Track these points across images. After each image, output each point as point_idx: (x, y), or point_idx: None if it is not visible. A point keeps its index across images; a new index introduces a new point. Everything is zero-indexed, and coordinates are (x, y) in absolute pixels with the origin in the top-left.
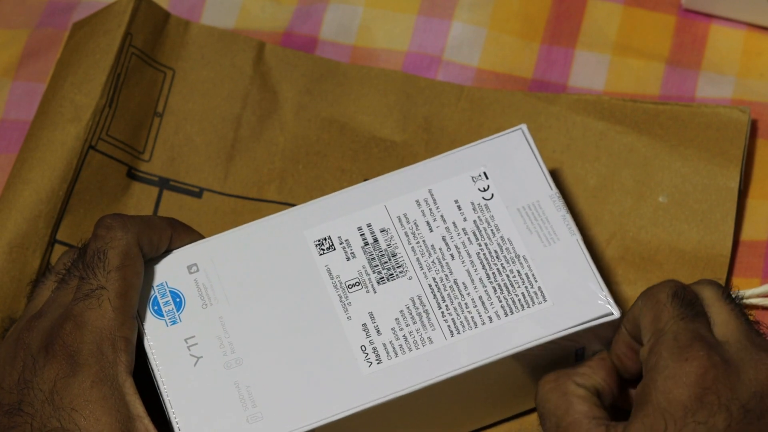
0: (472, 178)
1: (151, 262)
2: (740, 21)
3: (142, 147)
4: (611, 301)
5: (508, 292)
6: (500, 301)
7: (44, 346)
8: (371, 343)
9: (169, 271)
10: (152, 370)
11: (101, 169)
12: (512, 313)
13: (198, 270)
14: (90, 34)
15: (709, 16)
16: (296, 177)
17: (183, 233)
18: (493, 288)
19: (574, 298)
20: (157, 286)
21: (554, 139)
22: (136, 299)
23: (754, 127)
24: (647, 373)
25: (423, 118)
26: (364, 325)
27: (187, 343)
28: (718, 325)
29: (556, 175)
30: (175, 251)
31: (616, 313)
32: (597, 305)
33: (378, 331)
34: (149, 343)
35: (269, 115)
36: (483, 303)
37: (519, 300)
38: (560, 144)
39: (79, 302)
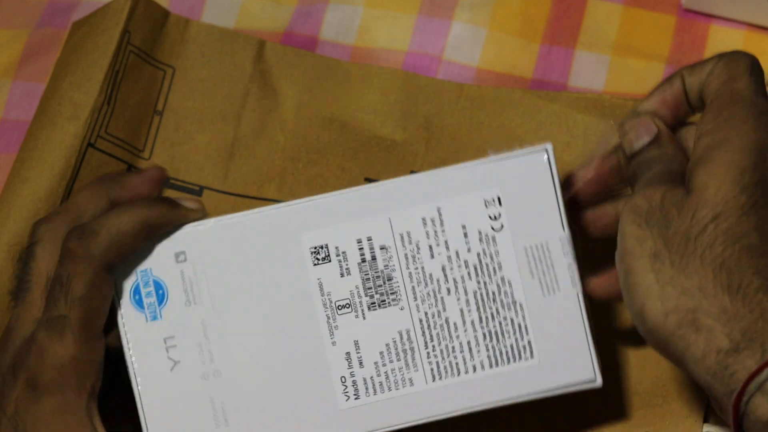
0: (485, 201)
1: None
2: (740, 21)
3: (141, 145)
4: (597, 367)
5: (497, 341)
6: (487, 350)
7: (11, 368)
8: (352, 375)
9: (156, 257)
10: (128, 363)
11: (101, 167)
12: (497, 365)
13: (186, 260)
14: (88, 33)
15: (709, 16)
16: (296, 175)
17: (161, 215)
18: (483, 335)
19: (561, 359)
20: (141, 272)
21: (555, 137)
22: (102, 321)
23: None
24: (726, 120)
25: (423, 116)
26: (348, 354)
27: (165, 343)
28: None
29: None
30: (165, 239)
31: (599, 382)
32: (582, 370)
33: (360, 364)
34: (126, 336)
35: (269, 113)
36: (470, 349)
37: (506, 352)
38: (561, 142)
39: (41, 331)
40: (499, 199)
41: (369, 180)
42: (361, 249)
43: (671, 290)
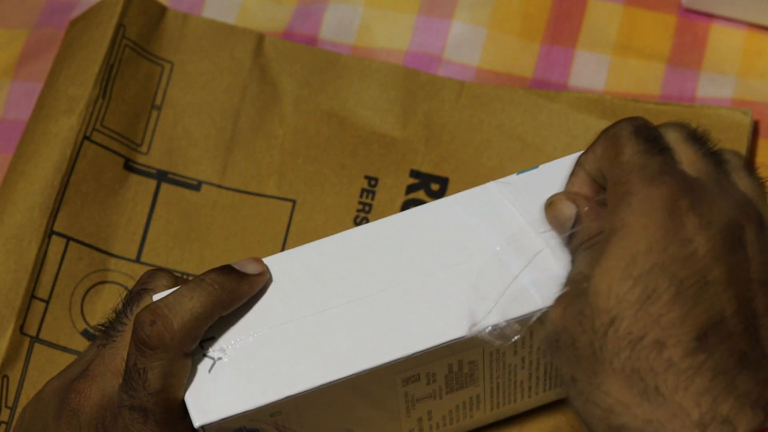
0: None
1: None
2: (741, 20)
3: (140, 139)
4: None
5: (554, 378)
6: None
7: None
8: (419, 424)
9: (253, 416)
10: None
11: (97, 160)
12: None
13: (281, 413)
14: (84, 28)
15: (710, 16)
16: (296, 171)
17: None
18: (544, 378)
19: None
20: (235, 430)
21: (555, 137)
22: (180, 405)
23: (755, 128)
24: (619, 201)
25: (423, 114)
26: (420, 419)
27: None
28: (684, 164)
29: None
30: (261, 396)
31: None
32: None
33: (429, 419)
34: None
35: (268, 107)
36: (529, 387)
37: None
38: (561, 142)
39: (126, 412)
40: None
41: (368, 178)
42: (450, 366)
43: (596, 411)
